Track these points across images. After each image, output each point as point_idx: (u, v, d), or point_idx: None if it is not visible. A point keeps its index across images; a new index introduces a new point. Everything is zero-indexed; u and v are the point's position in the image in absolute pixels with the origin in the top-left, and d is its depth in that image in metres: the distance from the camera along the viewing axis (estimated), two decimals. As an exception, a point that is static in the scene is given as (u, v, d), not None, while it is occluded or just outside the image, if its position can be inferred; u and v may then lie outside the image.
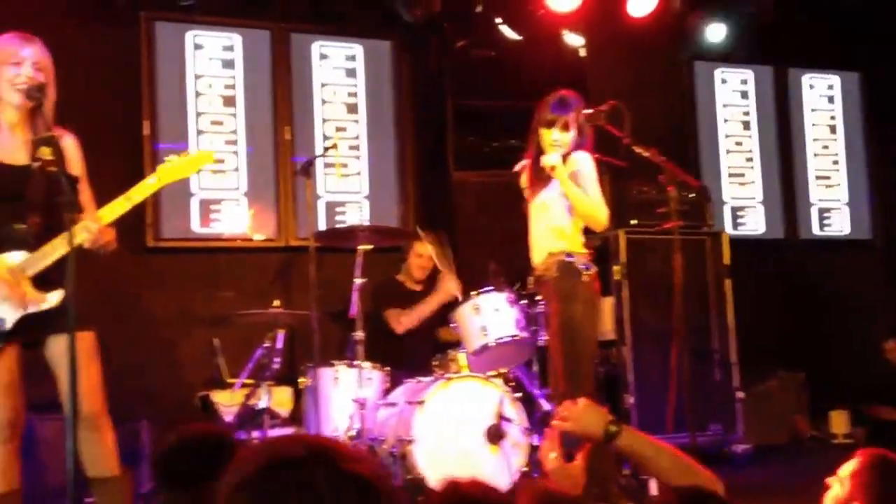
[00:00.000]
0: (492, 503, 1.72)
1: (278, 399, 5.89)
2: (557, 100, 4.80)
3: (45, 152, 3.67)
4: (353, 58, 7.27)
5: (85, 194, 4.03)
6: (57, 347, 3.81)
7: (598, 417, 2.54)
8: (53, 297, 3.82)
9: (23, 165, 3.84)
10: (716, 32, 7.93)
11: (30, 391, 3.99)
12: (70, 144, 4.03)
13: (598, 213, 4.72)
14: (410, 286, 6.54)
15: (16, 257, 3.81)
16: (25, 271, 3.81)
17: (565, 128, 4.74)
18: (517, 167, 5.07)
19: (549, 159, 4.75)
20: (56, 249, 3.76)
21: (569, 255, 4.70)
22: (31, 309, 3.82)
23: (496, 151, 7.70)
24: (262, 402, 5.57)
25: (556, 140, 4.74)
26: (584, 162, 4.69)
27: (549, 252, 4.75)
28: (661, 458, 2.44)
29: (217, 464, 1.29)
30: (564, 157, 4.74)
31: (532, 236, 4.88)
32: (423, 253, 6.45)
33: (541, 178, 4.79)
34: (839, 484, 2.48)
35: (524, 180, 5.03)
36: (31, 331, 3.85)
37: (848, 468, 2.48)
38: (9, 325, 3.78)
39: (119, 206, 3.91)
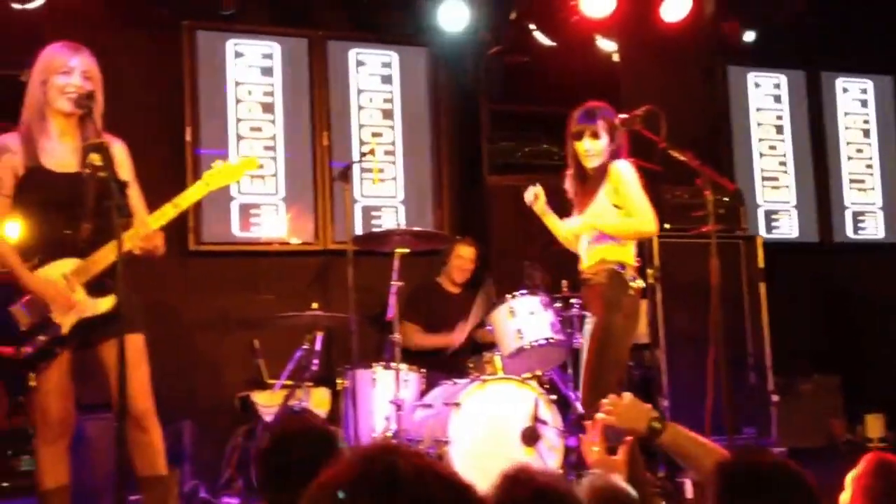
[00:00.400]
0: (562, 494, 1.75)
1: (316, 400, 5.97)
2: (583, 111, 4.82)
3: (95, 159, 3.73)
4: (388, 64, 7.37)
5: (135, 198, 4.10)
6: (110, 351, 3.90)
7: (642, 413, 2.57)
8: (106, 303, 3.92)
9: (74, 172, 3.93)
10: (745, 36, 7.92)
11: (77, 391, 4.10)
12: (119, 150, 4.10)
13: (643, 228, 4.71)
14: (448, 288, 6.61)
15: (69, 264, 3.92)
16: (79, 277, 3.92)
17: (595, 136, 4.74)
18: (527, 197, 5.04)
19: (571, 227, 4.81)
20: (107, 255, 3.85)
21: (621, 265, 4.70)
22: (86, 314, 3.93)
23: (530, 156, 7.77)
24: (301, 403, 5.67)
25: (588, 150, 4.76)
26: (625, 171, 4.68)
27: (601, 258, 4.71)
28: (706, 456, 2.46)
29: (326, 459, 1.34)
30: (605, 166, 4.75)
31: (582, 242, 4.85)
32: (465, 255, 6.53)
33: (586, 190, 4.81)
34: (846, 488, 2.51)
35: (538, 207, 5.04)
36: (85, 335, 3.95)
37: (852, 472, 2.51)
38: (65, 330, 3.90)
39: (167, 212, 4.00)
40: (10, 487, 5.51)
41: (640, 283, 4.75)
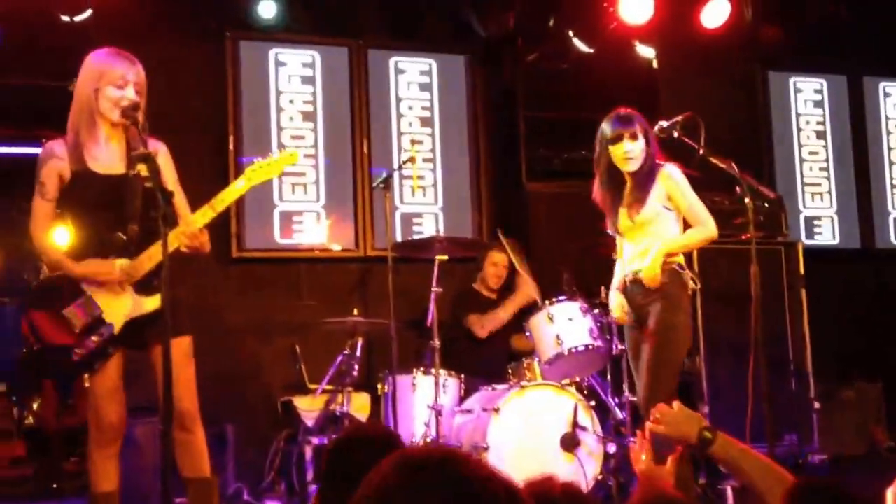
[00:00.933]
0: None
1: (357, 405, 6.04)
2: (617, 116, 4.77)
3: (142, 169, 3.80)
4: (427, 72, 7.43)
5: (179, 200, 4.12)
6: (160, 353, 3.98)
7: (692, 422, 2.56)
8: (154, 302, 3.98)
9: (119, 175, 4.01)
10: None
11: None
12: (162, 153, 4.14)
13: (710, 234, 4.70)
14: (487, 294, 6.65)
15: (119, 265, 3.99)
16: (128, 277, 3.99)
17: (634, 138, 4.71)
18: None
19: (647, 270, 4.65)
20: (155, 255, 3.91)
21: (680, 265, 4.71)
22: (135, 313, 4.01)
23: (568, 162, 7.79)
24: (341, 408, 5.73)
25: (628, 151, 4.71)
26: (677, 175, 4.68)
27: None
28: (755, 467, 2.45)
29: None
30: (652, 170, 4.69)
31: (635, 246, 4.79)
32: (499, 262, 6.56)
33: (635, 196, 4.74)
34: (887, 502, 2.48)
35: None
36: (136, 335, 4.02)
37: (893, 487, 2.48)
38: (117, 330, 3.98)
39: (210, 210, 4.03)
40: (58, 489, 5.63)
41: (697, 286, 4.76)
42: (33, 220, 4.05)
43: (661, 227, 4.71)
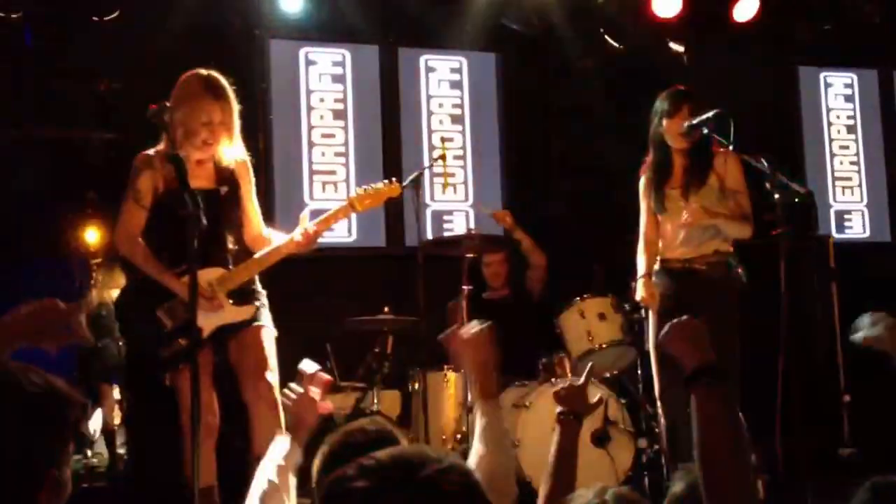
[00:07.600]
0: None
1: (387, 402, 6.05)
2: (675, 90, 4.75)
3: (169, 170, 3.89)
4: (458, 70, 7.44)
5: (252, 210, 4.50)
6: (237, 340, 4.21)
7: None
8: (247, 311, 4.19)
9: (212, 189, 4.22)
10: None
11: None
12: (245, 165, 4.41)
13: (746, 230, 4.67)
14: (489, 296, 6.48)
15: (215, 273, 4.15)
16: (223, 286, 4.16)
17: (692, 114, 4.65)
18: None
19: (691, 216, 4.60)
20: (250, 267, 4.20)
21: (734, 257, 4.69)
22: (227, 321, 4.18)
23: (598, 160, 7.78)
24: (372, 406, 5.76)
25: (685, 126, 4.64)
26: (733, 160, 4.64)
27: (716, 249, 4.68)
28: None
29: None
30: (709, 152, 4.68)
31: (682, 231, 4.75)
32: (491, 261, 6.41)
33: (695, 177, 4.71)
34: None
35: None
36: (223, 341, 4.21)
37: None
38: (205, 334, 4.07)
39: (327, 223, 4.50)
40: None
41: (744, 281, 4.73)
42: (124, 224, 4.16)
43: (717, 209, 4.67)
